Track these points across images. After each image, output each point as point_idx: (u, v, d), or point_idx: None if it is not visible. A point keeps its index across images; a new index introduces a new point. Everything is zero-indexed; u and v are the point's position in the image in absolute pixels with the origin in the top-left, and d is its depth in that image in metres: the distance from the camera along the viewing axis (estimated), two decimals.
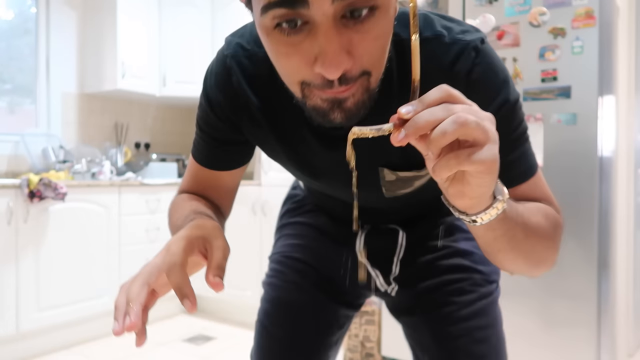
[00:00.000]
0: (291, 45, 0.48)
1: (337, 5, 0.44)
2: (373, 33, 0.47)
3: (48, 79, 3.17)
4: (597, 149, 1.73)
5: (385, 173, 0.68)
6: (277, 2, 0.45)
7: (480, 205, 0.48)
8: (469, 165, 0.41)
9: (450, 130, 0.39)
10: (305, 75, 0.49)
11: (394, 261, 0.84)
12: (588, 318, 1.72)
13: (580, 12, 1.74)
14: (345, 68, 0.47)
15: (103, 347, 2.59)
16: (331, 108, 0.50)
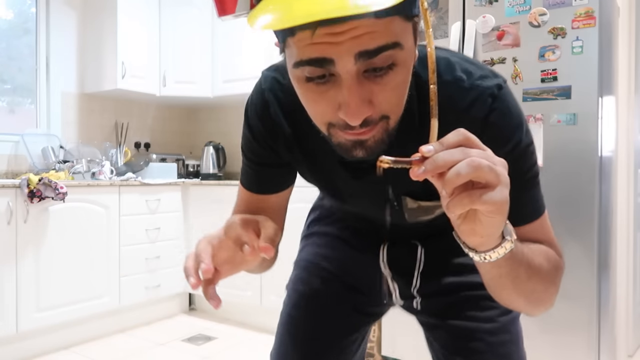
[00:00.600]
0: (319, 93, 0.54)
1: (359, 65, 0.50)
2: (392, 84, 0.53)
3: (48, 79, 3.17)
4: (597, 149, 1.73)
5: (407, 201, 0.73)
6: (307, 61, 0.51)
7: (490, 243, 0.52)
8: (480, 204, 0.45)
9: (464, 172, 0.44)
10: (330, 118, 0.55)
11: (415, 274, 0.87)
12: (588, 318, 1.72)
13: (580, 12, 1.74)
14: (366, 116, 0.53)
15: (103, 347, 2.59)
16: (353, 146, 0.57)
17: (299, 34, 0.50)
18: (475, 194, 0.45)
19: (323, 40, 0.49)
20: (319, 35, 0.49)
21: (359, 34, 0.49)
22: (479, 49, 1.95)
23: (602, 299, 1.74)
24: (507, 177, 0.46)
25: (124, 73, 3.11)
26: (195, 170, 3.69)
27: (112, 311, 2.76)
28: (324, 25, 0.48)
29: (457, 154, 0.45)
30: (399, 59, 0.52)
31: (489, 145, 0.50)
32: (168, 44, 3.36)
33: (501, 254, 0.52)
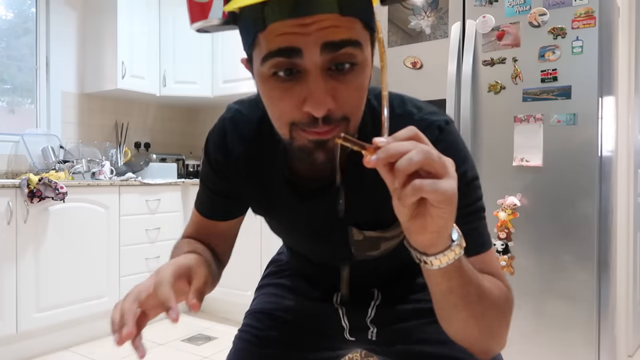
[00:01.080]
0: (284, 90, 0.57)
1: (324, 56, 0.54)
2: (353, 84, 0.57)
3: (48, 79, 3.17)
4: (597, 149, 1.73)
5: (354, 232, 0.75)
6: (276, 52, 0.54)
7: (439, 244, 0.52)
8: (431, 192, 0.45)
9: (415, 159, 0.45)
10: (294, 115, 0.57)
11: (371, 305, 0.86)
12: (588, 318, 1.72)
13: (580, 12, 1.74)
14: (329, 108, 0.55)
15: (103, 347, 2.59)
16: (315, 148, 0.59)
17: (270, 26, 0.54)
18: (426, 182, 0.45)
19: (292, 30, 0.53)
20: (289, 25, 0.53)
21: (326, 26, 0.53)
22: (479, 49, 1.95)
23: (602, 299, 1.74)
24: (455, 173, 0.47)
25: (124, 73, 3.11)
26: (195, 170, 3.69)
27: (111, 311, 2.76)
28: (294, 16, 0.53)
29: (408, 144, 0.47)
30: (359, 59, 0.56)
31: None
32: (168, 44, 3.36)
33: (451, 258, 0.52)
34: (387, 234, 0.74)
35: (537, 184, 1.83)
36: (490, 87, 1.93)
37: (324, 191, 0.72)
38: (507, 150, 1.89)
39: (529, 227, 1.84)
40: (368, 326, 0.86)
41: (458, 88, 1.97)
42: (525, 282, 1.83)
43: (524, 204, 1.85)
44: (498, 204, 1.89)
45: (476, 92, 1.96)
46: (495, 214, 1.89)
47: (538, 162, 1.82)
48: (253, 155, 0.75)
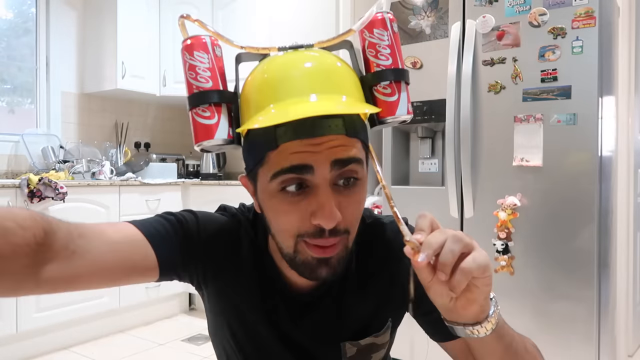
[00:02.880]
0: (293, 204, 0.59)
1: (333, 172, 0.58)
2: (355, 198, 0.61)
3: (48, 79, 3.17)
4: (597, 149, 1.73)
5: (347, 348, 0.73)
6: (289, 169, 0.57)
7: (485, 310, 0.55)
8: (477, 269, 0.49)
9: (457, 248, 0.49)
10: (301, 227, 0.59)
11: None
12: (588, 318, 1.72)
13: (580, 12, 1.74)
14: (338, 221, 0.58)
15: (103, 347, 2.59)
16: (318, 264, 0.61)
17: (282, 146, 0.57)
18: (469, 263, 0.49)
19: (305, 149, 0.57)
20: (301, 145, 0.57)
21: (335, 145, 0.58)
22: (479, 48, 1.95)
23: (602, 299, 1.74)
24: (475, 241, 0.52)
25: (124, 73, 3.11)
26: (195, 170, 3.69)
27: (112, 311, 2.76)
28: (306, 137, 0.57)
29: (439, 234, 0.51)
30: (361, 175, 0.61)
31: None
32: (168, 44, 3.36)
33: (498, 315, 0.56)
34: (378, 340, 0.75)
35: (537, 184, 1.83)
36: (490, 87, 1.93)
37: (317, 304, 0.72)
38: (507, 150, 1.89)
39: (529, 227, 1.84)
40: None
41: (458, 88, 1.97)
42: (525, 282, 1.83)
43: (524, 204, 1.85)
44: (498, 204, 1.89)
45: (476, 92, 1.96)
46: (495, 214, 1.89)
47: (538, 162, 1.82)
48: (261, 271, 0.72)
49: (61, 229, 0.55)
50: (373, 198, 2.59)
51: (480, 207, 1.94)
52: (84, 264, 0.57)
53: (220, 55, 0.67)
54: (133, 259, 0.63)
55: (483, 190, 1.94)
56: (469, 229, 1.97)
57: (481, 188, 1.95)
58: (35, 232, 0.52)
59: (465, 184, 1.95)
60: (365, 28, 0.65)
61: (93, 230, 0.60)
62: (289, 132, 0.57)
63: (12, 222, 0.51)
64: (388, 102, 0.64)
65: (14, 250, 0.50)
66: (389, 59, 0.64)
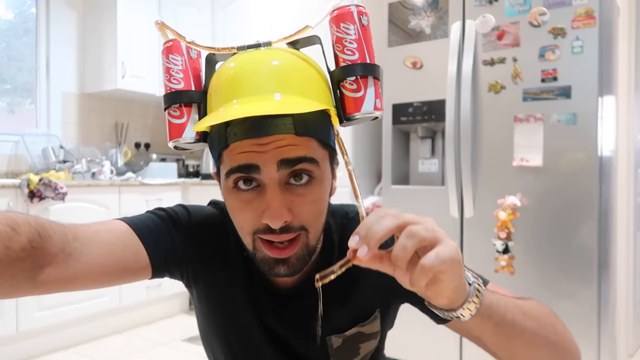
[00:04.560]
0: (245, 202, 0.60)
1: (281, 172, 0.58)
2: (310, 197, 0.60)
3: (48, 79, 3.17)
4: (597, 149, 1.73)
5: (333, 340, 0.73)
6: (237, 168, 0.59)
7: (461, 297, 0.52)
8: (439, 265, 0.46)
9: (409, 244, 0.46)
10: (255, 225, 0.60)
11: None
12: (588, 318, 1.72)
13: (580, 12, 1.74)
14: (286, 220, 0.59)
15: (103, 347, 2.59)
16: (276, 263, 0.61)
17: (232, 145, 0.59)
18: (429, 258, 0.46)
19: (251, 149, 0.58)
20: (248, 145, 0.58)
21: (282, 145, 0.58)
22: (479, 49, 1.95)
23: (602, 299, 1.74)
24: (442, 230, 0.48)
25: (124, 73, 3.11)
26: (195, 170, 3.69)
27: (112, 311, 2.76)
28: (252, 137, 0.57)
29: (388, 219, 0.48)
30: (316, 174, 0.60)
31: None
32: None
33: (478, 302, 0.53)
34: (365, 328, 0.74)
35: (537, 184, 1.83)
36: (490, 87, 1.93)
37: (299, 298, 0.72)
38: (507, 150, 1.89)
39: (529, 227, 1.84)
40: None
41: (458, 88, 1.97)
42: (525, 282, 1.83)
43: (524, 204, 1.85)
44: (498, 204, 1.89)
45: (476, 92, 1.96)
46: (495, 214, 1.89)
47: (538, 162, 1.82)
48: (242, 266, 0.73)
49: (56, 233, 0.57)
50: (373, 198, 2.59)
51: (481, 207, 1.94)
52: (80, 266, 0.59)
53: (195, 57, 0.68)
54: (127, 259, 0.64)
55: (483, 190, 1.94)
56: (469, 229, 1.97)
57: (481, 188, 1.95)
58: (30, 237, 0.53)
59: (465, 184, 1.95)
60: (333, 22, 0.63)
61: (87, 232, 0.62)
62: (237, 132, 0.58)
63: (7, 227, 0.52)
64: (354, 98, 0.62)
65: (9, 255, 0.52)
66: (355, 54, 0.62)
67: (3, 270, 0.52)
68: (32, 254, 0.54)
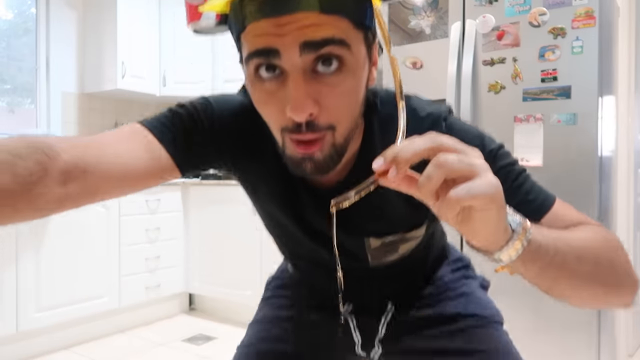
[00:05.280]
0: (269, 93, 0.54)
1: (305, 57, 0.51)
2: (340, 88, 0.53)
3: (48, 79, 3.17)
4: (597, 149, 1.73)
5: (371, 241, 0.70)
6: (254, 53, 0.52)
7: (499, 239, 0.46)
8: (469, 200, 0.40)
9: (434, 174, 0.40)
10: (281, 120, 0.55)
11: (381, 321, 0.82)
12: (588, 318, 1.72)
13: (580, 12, 1.74)
14: (311, 113, 0.52)
15: (103, 347, 2.59)
16: (303, 159, 0.56)
17: (249, 27, 0.52)
18: (461, 190, 0.40)
19: (269, 31, 0.51)
20: (266, 25, 0.51)
21: (305, 25, 0.50)
22: (479, 49, 1.95)
23: None
24: (484, 164, 0.42)
25: (124, 73, 3.11)
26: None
27: (112, 311, 2.76)
28: (270, 15, 0.50)
29: (420, 141, 0.42)
30: (347, 60, 0.53)
31: None
32: (168, 44, 3.36)
33: (520, 247, 0.47)
34: (408, 235, 0.71)
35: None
36: (490, 87, 1.93)
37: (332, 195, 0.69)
38: None
39: None
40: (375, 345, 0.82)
41: (458, 88, 1.97)
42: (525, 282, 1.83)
43: None
44: None
45: (476, 92, 1.96)
46: None
47: (538, 162, 1.82)
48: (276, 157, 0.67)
49: (65, 150, 0.55)
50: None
51: None
52: (97, 179, 0.57)
53: None
54: (147, 164, 0.61)
55: None
56: None
57: None
58: (37, 158, 0.51)
59: None
60: None
61: (101, 143, 0.59)
62: (253, 11, 0.51)
63: (7, 155, 0.50)
64: None
65: (18, 182, 0.49)
66: None
67: (19, 198, 0.50)
68: (44, 175, 0.51)
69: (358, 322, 0.82)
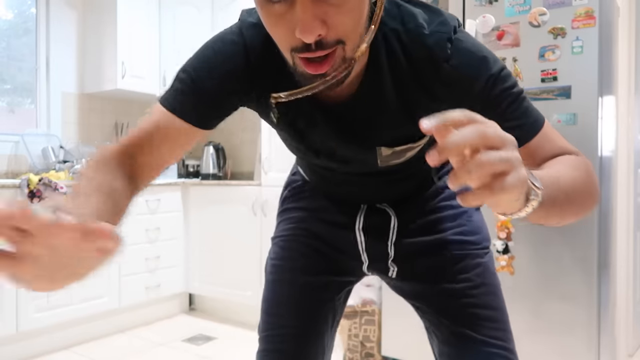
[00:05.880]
0: (277, 16, 0.57)
1: None
2: (346, 7, 0.56)
3: (48, 79, 3.17)
4: (597, 149, 1.73)
5: (382, 150, 0.77)
6: None
7: (515, 209, 0.50)
8: (502, 194, 0.42)
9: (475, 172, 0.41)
10: (291, 41, 0.58)
11: (388, 245, 0.91)
12: (588, 318, 1.72)
13: (580, 12, 1.74)
14: (320, 34, 0.55)
15: (103, 347, 2.59)
16: (314, 78, 0.60)
17: None
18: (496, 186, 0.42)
19: None
20: None
21: None
22: None
23: (602, 299, 1.74)
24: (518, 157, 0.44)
25: (124, 73, 3.11)
26: (195, 170, 3.69)
27: (112, 311, 2.76)
28: None
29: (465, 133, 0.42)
30: None
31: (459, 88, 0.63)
32: (168, 44, 3.36)
33: (530, 210, 0.51)
34: (415, 144, 0.77)
35: None
36: None
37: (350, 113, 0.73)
38: None
39: (529, 227, 1.84)
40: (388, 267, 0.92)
41: None
42: (525, 282, 1.83)
43: None
44: None
45: None
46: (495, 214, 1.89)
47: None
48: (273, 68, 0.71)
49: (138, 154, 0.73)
50: None
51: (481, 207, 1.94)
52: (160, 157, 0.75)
53: None
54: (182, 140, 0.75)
55: None
56: None
57: None
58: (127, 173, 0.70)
59: None
60: None
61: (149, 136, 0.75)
62: None
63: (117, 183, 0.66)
64: None
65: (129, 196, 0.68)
66: None
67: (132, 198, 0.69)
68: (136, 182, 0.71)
69: (367, 244, 0.92)
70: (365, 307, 2.20)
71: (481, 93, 0.65)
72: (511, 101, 0.66)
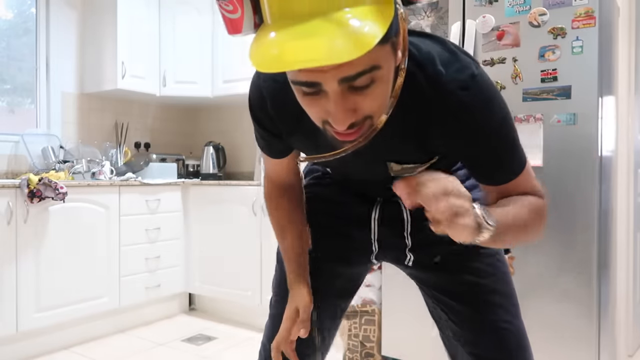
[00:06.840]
0: (311, 100, 0.64)
1: (343, 85, 0.60)
2: (372, 95, 0.63)
3: (48, 79, 3.17)
4: (597, 149, 1.73)
5: (392, 165, 0.85)
6: (300, 83, 0.62)
7: (469, 238, 0.65)
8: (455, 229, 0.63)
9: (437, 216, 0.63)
10: (322, 117, 0.66)
11: (405, 235, 0.99)
12: (588, 318, 1.72)
13: (580, 12, 1.74)
14: (351, 122, 0.63)
15: (103, 347, 2.59)
16: (343, 142, 0.68)
17: None
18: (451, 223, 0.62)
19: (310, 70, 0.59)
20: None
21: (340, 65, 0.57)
22: (479, 49, 1.95)
23: (602, 299, 1.74)
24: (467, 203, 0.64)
25: (124, 73, 3.11)
26: (195, 170, 3.69)
27: (112, 311, 2.76)
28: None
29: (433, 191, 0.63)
30: (377, 77, 0.61)
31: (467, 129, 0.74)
32: (168, 44, 3.36)
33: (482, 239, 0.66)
34: (424, 165, 0.85)
35: None
36: None
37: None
38: None
39: None
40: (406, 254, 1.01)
41: None
42: (525, 282, 1.83)
43: None
44: None
45: None
46: None
47: (538, 162, 1.82)
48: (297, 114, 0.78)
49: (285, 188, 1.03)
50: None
51: None
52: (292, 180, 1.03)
53: None
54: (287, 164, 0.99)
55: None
56: None
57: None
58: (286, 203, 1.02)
59: None
60: None
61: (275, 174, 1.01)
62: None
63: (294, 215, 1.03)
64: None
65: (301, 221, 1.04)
66: None
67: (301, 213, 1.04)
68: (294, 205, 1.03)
69: (380, 234, 1.01)
70: (365, 307, 2.20)
71: (484, 134, 0.75)
72: (506, 148, 0.78)
